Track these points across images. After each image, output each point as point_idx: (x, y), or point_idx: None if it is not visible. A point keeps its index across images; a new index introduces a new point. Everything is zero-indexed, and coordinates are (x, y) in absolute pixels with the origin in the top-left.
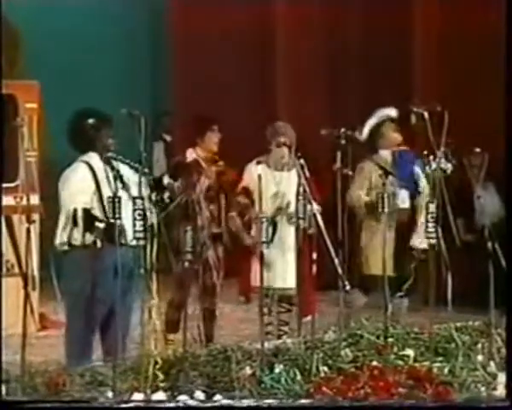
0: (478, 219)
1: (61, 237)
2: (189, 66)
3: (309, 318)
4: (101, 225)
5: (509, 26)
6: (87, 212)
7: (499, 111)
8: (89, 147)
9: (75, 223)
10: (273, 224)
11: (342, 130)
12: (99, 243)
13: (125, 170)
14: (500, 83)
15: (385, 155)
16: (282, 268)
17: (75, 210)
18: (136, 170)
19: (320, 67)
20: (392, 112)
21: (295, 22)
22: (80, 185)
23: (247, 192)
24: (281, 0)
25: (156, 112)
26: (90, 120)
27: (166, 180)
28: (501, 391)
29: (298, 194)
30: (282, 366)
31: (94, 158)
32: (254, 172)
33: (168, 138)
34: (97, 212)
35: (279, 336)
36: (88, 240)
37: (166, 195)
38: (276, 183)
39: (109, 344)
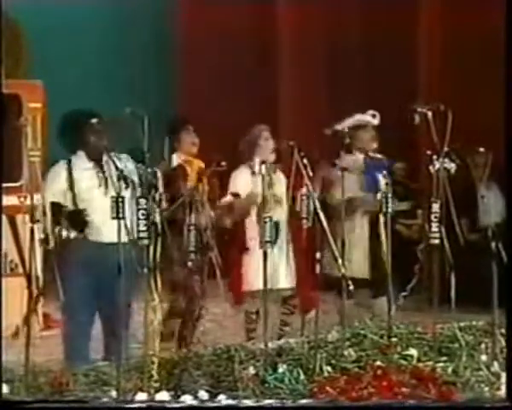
0: (481, 219)
1: (39, 236)
2: (195, 65)
3: (312, 313)
4: (67, 215)
5: (509, 27)
6: (54, 205)
7: (502, 110)
8: (76, 146)
9: (45, 216)
10: (275, 224)
11: (345, 129)
12: (65, 234)
13: (129, 170)
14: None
15: (358, 158)
16: (279, 268)
17: (43, 206)
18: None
19: (323, 66)
20: (374, 120)
21: (299, 22)
22: (50, 183)
23: (235, 197)
24: (286, 1)
25: (161, 111)
26: (76, 120)
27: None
28: (504, 391)
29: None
30: (285, 366)
31: (80, 157)
32: (245, 179)
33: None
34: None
35: (279, 337)
36: (61, 234)
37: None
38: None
39: (110, 344)
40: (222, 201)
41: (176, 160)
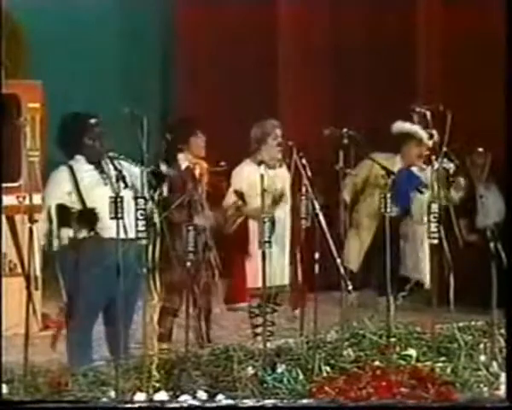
0: (480, 220)
1: (46, 238)
2: (194, 65)
3: (298, 311)
4: (76, 216)
5: (509, 27)
6: (61, 207)
7: (502, 111)
8: (74, 150)
9: (50, 221)
10: (272, 221)
11: (345, 130)
12: (71, 235)
13: (128, 170)
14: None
15: (398, 162)
16: (279, 265)
17: (49, 207)
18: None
19: (324, 66)
20: (429, 141)
21: (300, 23)
22: (53, 187)
23: (238, 195)
24: (286, 0)
25: (160, 112)
26: (73, 124)
27: (164, 168)
28: (503, 391)
29: (293, 188)
30: (284, 366)
31: (79, 161)
32: (249, 172)
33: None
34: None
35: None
36: (66, 234)
37: (165, 188)
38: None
39: (112, 344)
40: (224, 203)
41: (183, 161)
